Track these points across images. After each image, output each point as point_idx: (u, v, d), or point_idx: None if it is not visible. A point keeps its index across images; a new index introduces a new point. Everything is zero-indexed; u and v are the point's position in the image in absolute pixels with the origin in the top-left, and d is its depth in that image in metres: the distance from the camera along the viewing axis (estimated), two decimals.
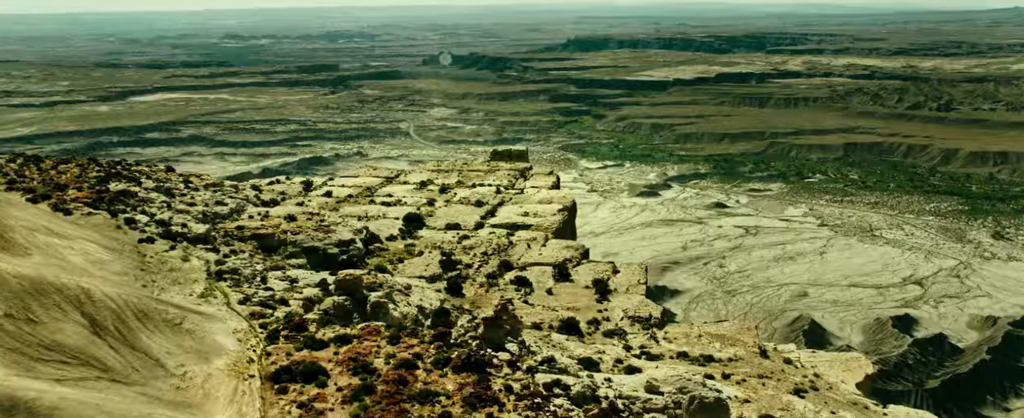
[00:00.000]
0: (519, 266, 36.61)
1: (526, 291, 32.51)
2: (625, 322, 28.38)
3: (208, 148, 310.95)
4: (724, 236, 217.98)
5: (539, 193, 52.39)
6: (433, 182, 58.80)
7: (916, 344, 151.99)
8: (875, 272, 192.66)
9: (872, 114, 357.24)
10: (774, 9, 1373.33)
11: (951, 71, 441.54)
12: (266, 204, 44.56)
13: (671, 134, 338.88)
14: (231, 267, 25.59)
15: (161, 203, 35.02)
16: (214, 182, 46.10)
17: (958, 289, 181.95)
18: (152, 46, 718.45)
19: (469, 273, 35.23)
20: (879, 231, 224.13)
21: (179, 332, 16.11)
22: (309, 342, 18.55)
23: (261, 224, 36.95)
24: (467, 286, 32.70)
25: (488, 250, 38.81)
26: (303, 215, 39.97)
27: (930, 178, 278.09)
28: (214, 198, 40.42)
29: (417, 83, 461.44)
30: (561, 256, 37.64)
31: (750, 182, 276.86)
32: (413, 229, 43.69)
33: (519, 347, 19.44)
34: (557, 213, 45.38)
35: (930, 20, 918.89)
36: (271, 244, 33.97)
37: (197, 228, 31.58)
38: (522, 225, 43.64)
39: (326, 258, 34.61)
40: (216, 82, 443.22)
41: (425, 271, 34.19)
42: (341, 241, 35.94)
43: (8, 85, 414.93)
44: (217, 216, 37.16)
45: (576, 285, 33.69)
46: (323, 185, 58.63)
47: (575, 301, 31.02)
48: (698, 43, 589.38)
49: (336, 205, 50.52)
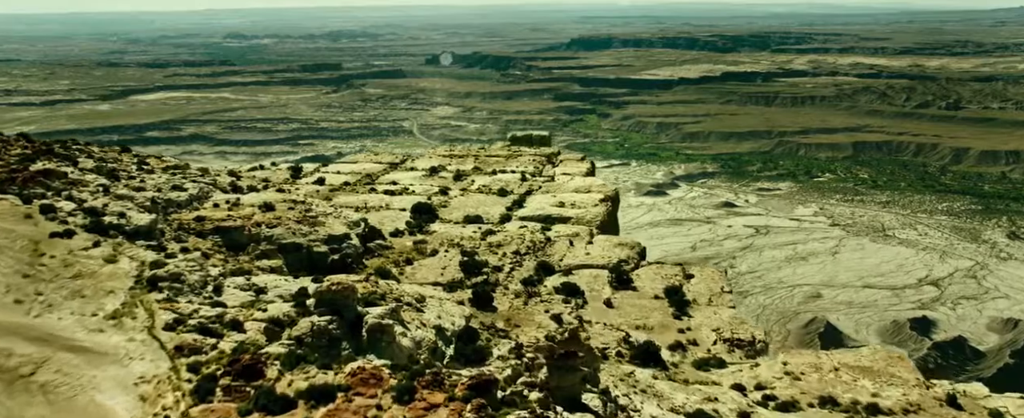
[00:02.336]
0: (562, 269, 31.86)
1: (577, 302, 27.43)
2: (720, 347, 23.59)
3: (209, 146, 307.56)
4: (734, 236, 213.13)
5: (573, 180, 47.15)
6: (446, 168, 54.28)
7: (936, 347, 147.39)
8: (889, 273, 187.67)
9: (880, 113, 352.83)
10: (777, 9, 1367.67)
11: (958, 70, 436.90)
12: (239, 190, 38.75)
13: (677, 133, 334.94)
14: (172, 272, 20.11)
15: (98, 187, 29.12)
16: (177, 164, 39.79)
17: (975, 290, 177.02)
18: (155, 45, 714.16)
19: (499, 278, 29.97)
20: (892, 231, 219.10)
21: (21, 392, 10.65)
22: (264, 400, 12.27)
23: (228, 214, 31.18)
24: (499, 296, 27.46)
25: (521, 248, 33.79)
26: (284, 204, 34.06)
27: (941, 177, 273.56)
28: (171, 182, 34.50)
29: (420, 82, 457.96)
30: (614, 256, 32.67)
31: (759, 181, 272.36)
32: (424, 222, 39.10)
33: (603, 402, 14.09)
34: (599, 203, 39.90)
35: (934, 20, 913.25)
36: (238, 240, 28.60)
37: (139, 219, 26.08)
38: (559, 218, 38.69)
39: (311, 259, 29.18)
40: (218, 81, 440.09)
41: (442, 276, 29.40)
42: (331, 237, 30.36)
43: (9, 84, 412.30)
44: (171, 204, 31.44)
45: (641, 294, 28.67)
46: (315, 172, 53.29)
47: (645, 316, 26.33)
48: (702, 42, 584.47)
49: (329, 194, 45.33)
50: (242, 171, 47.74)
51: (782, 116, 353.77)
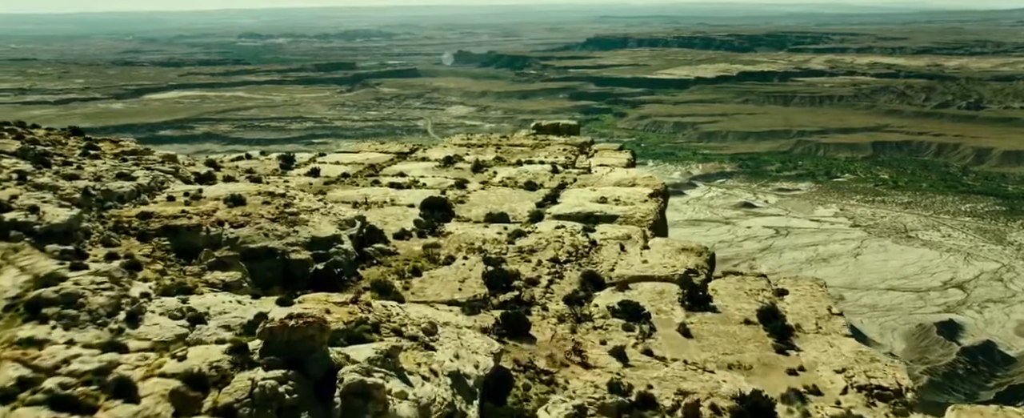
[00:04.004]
0: (614, 281, 25.22)
1: (642, 330, 21.10)
2: (853, 397, 18.07)
3: (222, 145, 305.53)
4: (753, 237, 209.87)
5: (613, 172, 40.99)
6: (462, 158, 47.65)
7: (964, 352, 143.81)
8: (913, 275, 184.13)
9: (899, 112, 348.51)
10: (793, 9, 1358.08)
11: (978, 70, 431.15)
12: (204, 180, 31.94)
13: (694, 132, 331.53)
14: (68, 292, 14.35)
15: (12, 174, 23.91)
16: (134, 149, 33.60)
17: (1002, 293, 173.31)
18: (170, 45, 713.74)
19: (534, 295, 23.31)
20: (914, 232, 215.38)
21: None
22: None
23: (182, 210, 25.01)
24: (536, 320, 21.15)
25: (559, 255, 26.99)
26: (258, 196, 27.16)
27: (964, 178, 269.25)
28: (117, 169, 28.44)
29: (435, 81, 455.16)
30: (679, 265, 25.95)
31: (778, 181, 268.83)
32: (437, 221, 32.11)
33: None
34: (649, 199, 34.09)
35: (952, 20, 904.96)
36: (193, 243, 22.91)
37: (55, 215, 20.88)
38: (602, 216, 32.36)
39: (287, 269, 23.00)
40: (232, 80, 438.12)
41: (460, 292, 22.91)
42: (316, 239, 24.04)
43: (24, 83, 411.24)
44: (110, 196, 25.59)
45: (725, 318, 22.31)
46: (310, 163, 46.71)
47: (737, 349, 20.18)
48: (718, 42, 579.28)
49: (323, 188, 38.98)
50: (223, 160, 41.61)
51: (800, 116, 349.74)
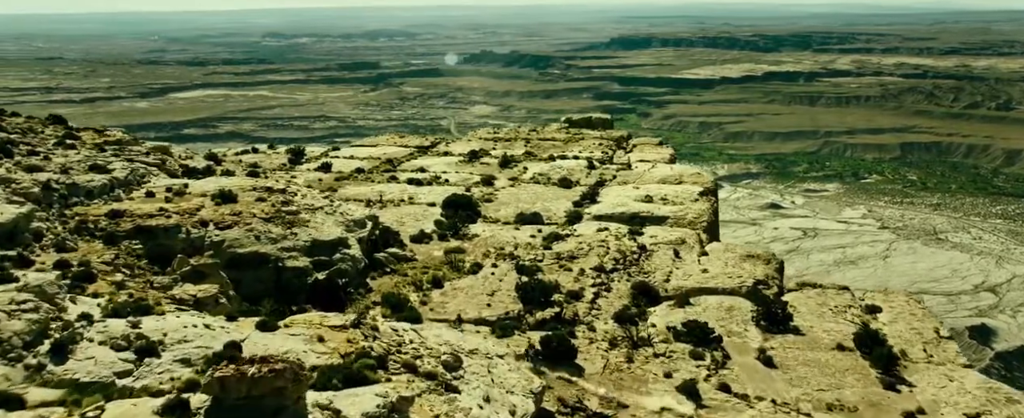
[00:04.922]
0: (670, 294, 22.20)
1: (714, 359, 18.19)
2: None
3: (245, 144, 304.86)
4: (780, 238, 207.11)
5: (656, 169, 38.45)
6: (489, 153, 44.75)
7: (999, 357, 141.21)
8: (944, 278, 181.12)
9: (928, 113, 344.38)
10: (818, 9, 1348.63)
11: (1007, 70, 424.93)
12: (192, 173, 28.70)
13: (720, 132, 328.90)
14: None
15: None
16: (119, 139, 30.66)
17: None
18: (195, 44, 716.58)
19: (578, 312, 20.41)
20: (944, 234, 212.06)
21: None
22: None
23: (161, 208, 22.04)
24: (582, 343, 18.21)
25: (604, 262, 23.88)
26: (252, 192, 24.34)
27: (994, 179, 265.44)
28: (92, 161, 25.63)
29: (458, 80, 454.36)
30: (745, 274, 23.12)
31: (805, 182, 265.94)
32: (461, 222, 28.96)
33: None
34: (700, 197, 31.69)
35: (980, 20, 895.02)
36: (170, 247, 19.97)
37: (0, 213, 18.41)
38: (649, 217, 29.45)
39: (279, 279, 20.05)
40: (256, 79, 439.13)
41: (488, 308, 19.98)
42: (316, 243, 21.09)
43: (50, 82, 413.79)
44: (76, 191, 22.98)
45: (814, 343, 18.99)
46: (322, 157, 44.42)
47: (835, 386, 17.05)
48: (743, 42, 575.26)
49: (334, 184, 36.37)
50: (226, 154, 38.93)
51: (827, 116, 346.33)
